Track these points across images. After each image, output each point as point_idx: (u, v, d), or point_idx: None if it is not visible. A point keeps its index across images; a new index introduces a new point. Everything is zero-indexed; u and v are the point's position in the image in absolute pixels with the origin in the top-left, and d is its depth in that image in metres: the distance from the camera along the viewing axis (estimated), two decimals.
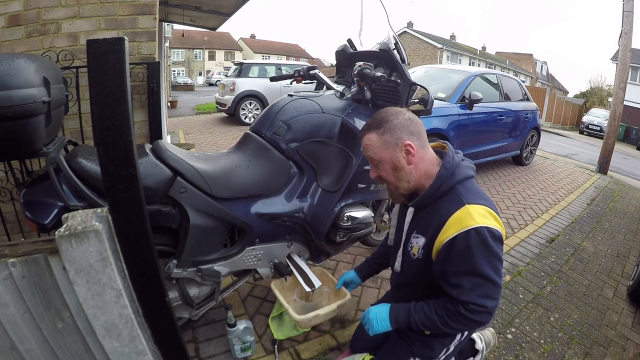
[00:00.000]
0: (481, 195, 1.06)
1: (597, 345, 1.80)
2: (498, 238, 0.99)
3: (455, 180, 1.06)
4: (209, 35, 37.41)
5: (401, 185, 1.10)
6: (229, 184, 1.38)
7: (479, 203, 1.01)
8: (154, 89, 2.04)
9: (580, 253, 2.80)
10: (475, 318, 0.98)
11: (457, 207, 1.01)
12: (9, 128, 0.99)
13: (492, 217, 1.00)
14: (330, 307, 1.49)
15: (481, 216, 0.98)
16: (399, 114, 1.10)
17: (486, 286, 0.98)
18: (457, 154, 1.14)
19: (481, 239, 0.96)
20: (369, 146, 1.10)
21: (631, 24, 5.37)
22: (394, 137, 1.07)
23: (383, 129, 1.08)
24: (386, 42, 1.66)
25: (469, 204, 1.00)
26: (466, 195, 1.03)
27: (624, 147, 13.54)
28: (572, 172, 5.51)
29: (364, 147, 1.13)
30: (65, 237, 0.76)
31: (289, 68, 8.86)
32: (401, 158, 1.07)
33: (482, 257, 0.96)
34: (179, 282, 1.43)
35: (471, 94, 3.82)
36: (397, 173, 1.08)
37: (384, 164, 1.09)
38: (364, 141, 1.12)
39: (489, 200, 1.07)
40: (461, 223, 0.98)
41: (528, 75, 32.41)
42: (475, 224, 0.96)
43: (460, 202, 1.01)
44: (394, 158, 1.07)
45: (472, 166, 1.13)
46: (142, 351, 0.92)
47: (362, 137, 1.13)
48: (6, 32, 1.85)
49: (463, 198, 1.02)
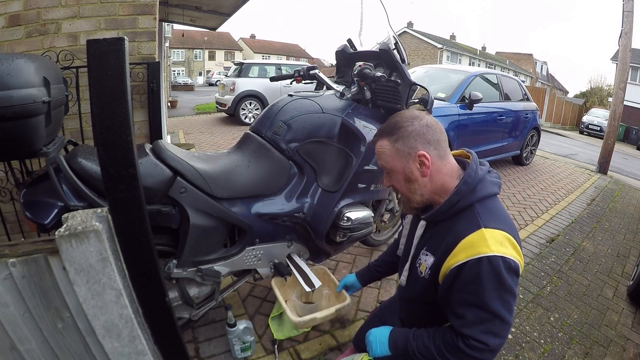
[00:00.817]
0: (502, 218, 0.94)
1: (597, 345, 1.80)
2: (514, 270, 0.87)
3: (475, 198, 0.95)
4: (209, 35, 37.41)
5: (414, 199, 1.01)
6: (229, 184, 1.38)
7: (498, 228, 0.90)
8: (154, 89, 2.04)
9: (580, 253, 2.80)
10: (474, 355, 0.88)
11: (472, 229, 0.90)
12: (9, 128, 0.99)
13: (510, 246, 0.89)
14: (328, 310, 1.48)
15: (497, 243, 0.87)
16: (414, 119, 1.00)
17: (492, 322, 0.87)
18: (482, 166, 1.03)
19: (493, 269, 0.85)
20: (381, 154, 1.03)
21: (631, 24, 5.37)
22: (407, 146, 0.98)
23: (396, 136, 0.99)
24: (386, 42, 1.66)
25: (486, 228, 0.89)
26: (484, 216, 0.92)
27: (624, 147, 13.54)
28: (572, 172, 5.51)
29: (377, 153, 1.06)
30: (65, 237, 0.76)
31: (289, 68, 8.86)
32: (414, 169, 0.98)
33: (492, 289, 0.86)
34: (179, 282, 1.43)
35: (471, 94, 3.82)
36: (409, 185, 1.00)
37: (396, 174, 1.01)
38: (377, 147, 1.05)
39: (511, 224, 0.95)
40: (473, 249, 0.88)
41: (528, 75, 32.41)
42: (490, 252, 0.86)
43: (477, 225, 0.90)
44: (406, 169, 0.99)
45: (497, 181, 1.03)
46: (142, 351, 0.92)
47: (375, 142, 1.06)
48: (6, 32, 1.85)
49: (480, 220, 0.91)
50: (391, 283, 2.11)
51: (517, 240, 0.93)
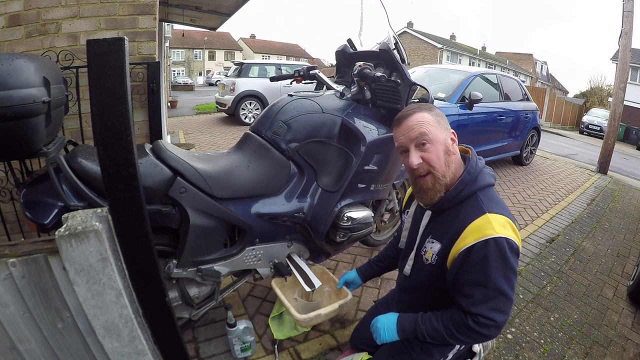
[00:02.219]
0: (501, 205, 1.03)
1: (597, 345, 1.80)
2: (516, 251, 0.96)
3: (477, 187, 1.03)
4: (209, 35, 37.40)
5: (447, 174, 1.04)
6: (229, 184, 1.38)
7: (500, 213, 0.98)
8: (154, 89, 2.04)
9: (580, 253, 2.80)
10: (482, 331, 0.95)
11: (477, 214, 0.98)
12: (9, 128, 0.99)
13: (511, 229, 0.97)
14: (331, 306, 1.49)
15: (501, 226, 0.95)
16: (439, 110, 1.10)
17: (498, 299, 0.94)
18: (480, 160, 1.11)
19: (499, 250, 0.92)
20: (424, 123, 1.03)
21: (631, 24, 5.37)
22: (445, 122, 1.06)
23: (435, 112, 1.06)
24: (386, 42, 1.66)
25: (490, 213, 0.97)
26: (487, 203, 1.00)
27: (624, 147, 13.53)
28: (572, 172, 5.51)
29: (417, 123, 1.04)
30: (65, 237, 0.76)
31: (289, 68, 8.85)
32: (450, 143, 1.05)
33: (498, 269, 0.93)
34: (179, 282, 1.43)
35: (471, 94, 3.82)
36: (447, 157, 1.04)
37: (436, 145, 1.03)
38: (416, 118, 1.04)
39: (509, 210, 1.03)
40: (480, 232, 0.95)
41: (528, 75, 32.41)
42: (495, 233, 0.93)
43: (481, 210, 0.98)
44: (446, 141, 1.04)
45: (493, 174, 1.10)
46: (142, 351, 0.92)
47: (411, 115, 1.05)
48: (6, 32, 1.85)
49: (484, 206, 0.99)
50: (391, 283, 2.11)
51: (516, 224, 1.02)
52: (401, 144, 1.08)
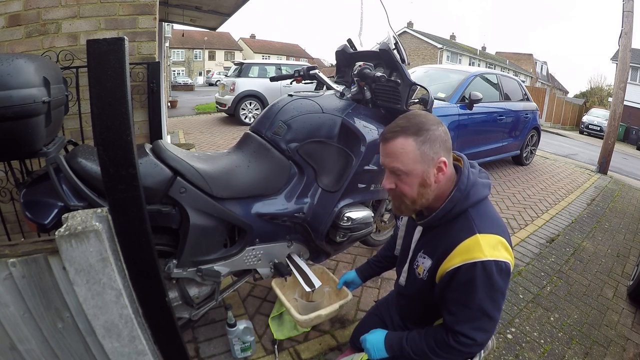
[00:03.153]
0: (495, 222, 0.98)
1: (597, 345, 1.80)
2: (505, 272, 0.93)
3: (468, 204, 0.98)
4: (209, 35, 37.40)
5: (419, 202, 1.00)
6: (229, 184, 1.38)
7: (492, 232, 0.95)
8: (154, 89, 2.04)
9: (580, 253, 2.80)
10: (463, 349, 0.95)
11: (467, 235, 0.94)
12: (9, 128, 0.99)
13: (502, 248, 0.94)
14: (332, 307, 1.49)
15: (491, 248, 0.92)
16: (439, 124, 0.96)
17: (482, 320, 0.94)
18: (473, 169, 1.04)
19: (486, 273, 0.90)
20: (402, 154, 0.94)
21: (631, 24, 5.37)
22: (433, 151, 0.94)
23: (423, 138, 0.93)
24: (386, 42, 1.66)
25: (480, 234, 0.94)
26: (478, 222, 0.96)
27: (624, 147, 13.53)
28: (572, 172, 5.51)
29: (394, 153, 0.95)
30: (65, 237, 0.76)
31: (289, 68, 8.86)
32: (432, 175, 0.96)
33: (483, 291, 0.92)
34: (179, 282, 1.43)
35: (471, 94, 3.82)
36: (422, 189, 0.97)
37: (411, 178, 0.96)
38: (396, 146, 0.95)
39: (503, 226, 1.00)
40: (468, 254, 0.92)
41: (528, 75, 32.41)
42: (483, 256, 0.90)
43: (471, 230, 0.95)
44: (425, 174, 0.95)
45: (488, 182, 1.05)
46: (142, 351, 0.92)
47: (393, 139, 0.95)
48: (6, 32, 1.85)
49: (475, 226, 0.95)
50: (390, 283, 2.11)
51: (509, 240, 0.98)
52: (381, 162, 1.03)
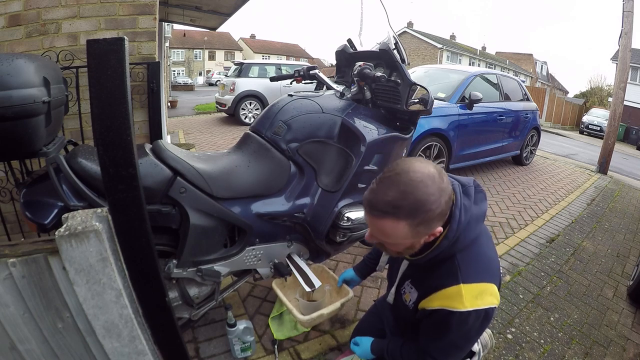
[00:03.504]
0: (483, 266, 0.94)
1: (597, 345, 1.80)
2: (485, 317, 0.92)
3: (456, 249, 0.93)
4: (209, 35, 37.40)
5: (405, 254, 0.96)
6: (229, 184, 1.38)
7: (477, 281, 0.91)
8: (154, 89, 2.04)
9: (580, 253, 2.80)
10: None
11: (450, 283, 0.91)
12: (9, 128, 0.99)
13: (487, 295, 0.92)
14: (333, 305, 1.49)
15: (473, 298, 0.90)
16: (442, 194, 0.81)
17: (453, 351, 0.98)
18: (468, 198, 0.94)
19: (463, 321, 0.90)
20: (392, 235, 0.84)
21: (631, 24, 5.37)
22: (429, 229, 0.85)
23: (419, 220, 0.81)
24: (386, 42, 1.66)
25: (464, 283, 0.90)
26: (465, 270, 0.92)
27: (624, 147, 13.53)
28: (572, 172, 5.51)
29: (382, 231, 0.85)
30: (65, 237, 0.76)
31: (289, 68, 8.86)
32: (422, 240, 0.89)
33: (457, 334, 0.93)
34: (179, 282, 1.43)
35: (471, 94, 3.83)
36: (408, 250, 0.92)
37: (399, 246, 0.89)
38: (385, 227, 0.83)
39: (492, 269, 0.97)
40: (448, 301, 0.91)
41: (528, 75, 32.40)
42: (463, 307, 0.88)
43: (455, 279, 0.91)
44: (415, 242, 0.89)
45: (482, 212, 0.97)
46: (142, 351, 0.92)
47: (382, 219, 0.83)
48: (6, 32, 1.85)
49: (460, 274, 0.91)
50: None
51: (497, 282, 0.98)
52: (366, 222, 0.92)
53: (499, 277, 1.00)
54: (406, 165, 0.84)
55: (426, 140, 3.55)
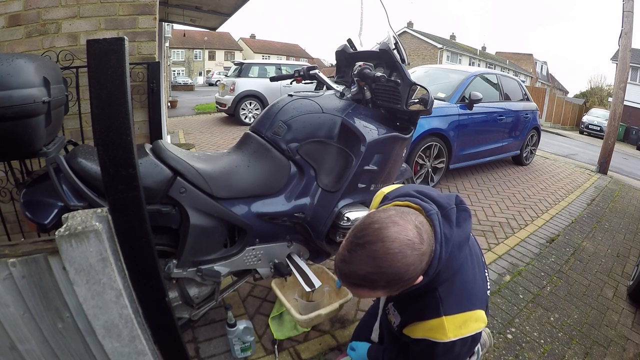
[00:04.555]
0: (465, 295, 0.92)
1: (597, 345, 1.80)
2: (472, 341, 0.93)
3: (437, 283, 0.89)
4: (209, 35, 37.41)
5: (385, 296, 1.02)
6: (229, 184, 1.38)
7: (460, 311, 0.90)
8: (154, 89, 2.04)
9: (580, 253, 2.80)
10: None
11: (432, 315, 0.90)
12: (9, 128, 0.99)
13: (472, 322, 0.91)
14: (332, 306, 1.49)
15: (456, 328, 0.89)
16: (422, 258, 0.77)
17: None
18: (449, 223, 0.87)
19: (448, 350, 0.91)
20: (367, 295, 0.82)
21: (631, 24, 5.37)
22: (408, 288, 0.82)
23: (397, 287, 0.78)
24: (386, 42, 1.66)
25: (447, 316, 0.89)
26: (446, 302, 0.89)
27: (624, 147, 13.54)
28: (572, 172, 5.51)
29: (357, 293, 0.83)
30: (65, 237, 0.76)
31: (289, 68, 8.86)
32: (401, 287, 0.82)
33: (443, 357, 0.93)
34: (179, 282, 1.43)
35: (471, 94, 3.83)
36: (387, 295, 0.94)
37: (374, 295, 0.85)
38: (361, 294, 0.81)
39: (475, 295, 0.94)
40: (431, 333, 0.91)
41: (528, 75, 32.40)
42: (446, 338, 0.88)
43: (437, 312, 0.89)
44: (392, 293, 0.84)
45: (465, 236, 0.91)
46: (142, 351, 0.92)
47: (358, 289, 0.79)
48: (6, 32, 1.85)
49: (441, 307, 0.89)
50: None
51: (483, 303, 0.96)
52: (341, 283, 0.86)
53: (486, 299, 1.00)
54: (381, 234, 0.74)
55: (426, 140, 3.55)
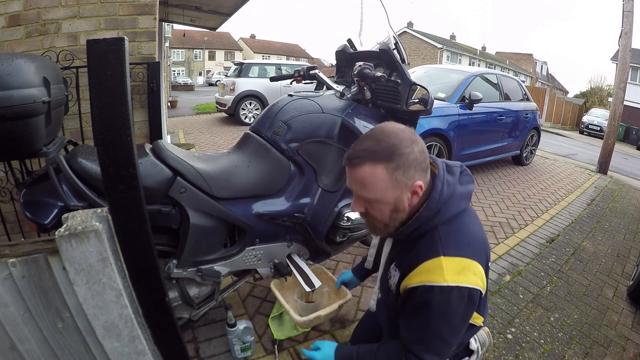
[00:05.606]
0: (466, 242, 0.90)
1: (597, 345, 1.80)
2: (468, 298, 0.86)
3: (438, 221, 0.90)
4: (209, 35, 37.41)
5: (392, 225, 0.93)
6: (229, 184, 1.38)
7: (459, 255, 0.87)
8: (154, 89, 2.05)
9: (580, 253, 2.80)
10: None
11: (430, 256, 0.88)
12: (9, 128, 0.99)
13: (470, 273, 0.87)
14: (331, 307, 1.49)
15: (454, 273, 0.85)
16: (414, 143, 0.85)
17: (435, 343, 0.89)
18: (451, 176, 0.95)
19: (444, 298, 0.84)
20: (370, 183, 0.85)
21: (631, 24, 5.37)
22: (407, 177, 0.85)
23: (396, 163, 0.84)
24: (386, 42, 1.66)
25: (445, 256, 0.86)
26: (445, 242, 0.88)
27: (624, 147, 13.54)
28: (572, 172, 5.51)
29: (361, 181, 0.87)
30: (65, 237, 0.76)
31: (289, 68, 8.86)
32: (405, 199, 0.88)
33: (439, 316, 0.86)
34: (179, 282, 1.43)
35: (471, 94, 3.83)
36: (394, 214, 0.90)
37: (382, 205, 0.88)
38: (364, 174, 0.85)
39: (477, 248, 0.91)
40: (427, 275, 0.86)
41: (528, 75, 32.40)
42: (443, 282, 0.84)
43: (435, 252, 0.88)
44: (398, 200, 0.87)
45: (468, 192, 0.95)
46: (142, 351, 0.92)
47: (360, 166, 0.86)
48: (6, 32, 1.86)
49: (440, 247, 0.88)
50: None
51: (483, 262, 0.91)
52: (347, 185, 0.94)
53: (486, 259, 0.94)
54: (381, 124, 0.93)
55: (426, 140, 3.55)
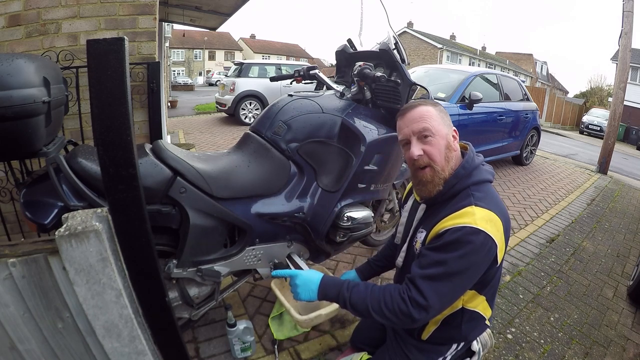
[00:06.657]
0: (495, 203, 1.00)
1: (597, 345, 1.80)
2: (489, 249, 0.92)
3: (470, 182, 1.04)
4: (209, 35, 37.41)
5: (447, 168, 1.05)
6: (229, 184, 1.38)
7: (489, 209, 0.96)
8: (154, 89, 2.05)
9: (580, 253, 2.80)
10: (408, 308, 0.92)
11: (464, 205, 0.98)
12: (9, 128, 0.99)
13: (495, 227, 0.94)
14: (332, 306, 1.49)
15: (484, 220, 0.93)
16: None
17: (442, 284, 0.92)
18: (478, 157, 1.12)
19: (471, 239, 0.90)
20: (428, 117, 1.05)
21: (631, 24, 5.37)
22: (447, 118, 1.08)
23: (439, 107, 1.08)
24: (386, 42, 1.66)
25: (477, 206, 0.96)
26: (478, 197, 1.00)
27: (624, 147, 13.54)
28: (572, 172, 5.51)
29: (421, 116, 1.05)
30: (65, 237, 0.76)
31: (289, 68, 8.86)
32: (452, 139, 1.06)
33: (459, 257, 0.91)
34: (179, 282, 1.43)
35: (471, 94, 3.83)
36: (448, 152, 1.05)
37: (438, 139, 1.04)
38: (422, 111, 1.06)
39: (503, 210, 1.01)
40: (460, 219, 0.94)
41: (528, 75, 32.40)
42: (474, 224, 0.92)
43: (469, 202, 0.98)
44: (448, 137, 1.06)
45: (491, 172, 1.10)
46: (142, 351, 0.92)
47: (418, 106, 1.07)
48: (6, 32, 1.86)
49: (473, 198, 0.99)
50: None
51: (506, 226, 0.99)
52: (404, 136, 1.09)
53: (508, 227, 1.02)
54: None
55: None
